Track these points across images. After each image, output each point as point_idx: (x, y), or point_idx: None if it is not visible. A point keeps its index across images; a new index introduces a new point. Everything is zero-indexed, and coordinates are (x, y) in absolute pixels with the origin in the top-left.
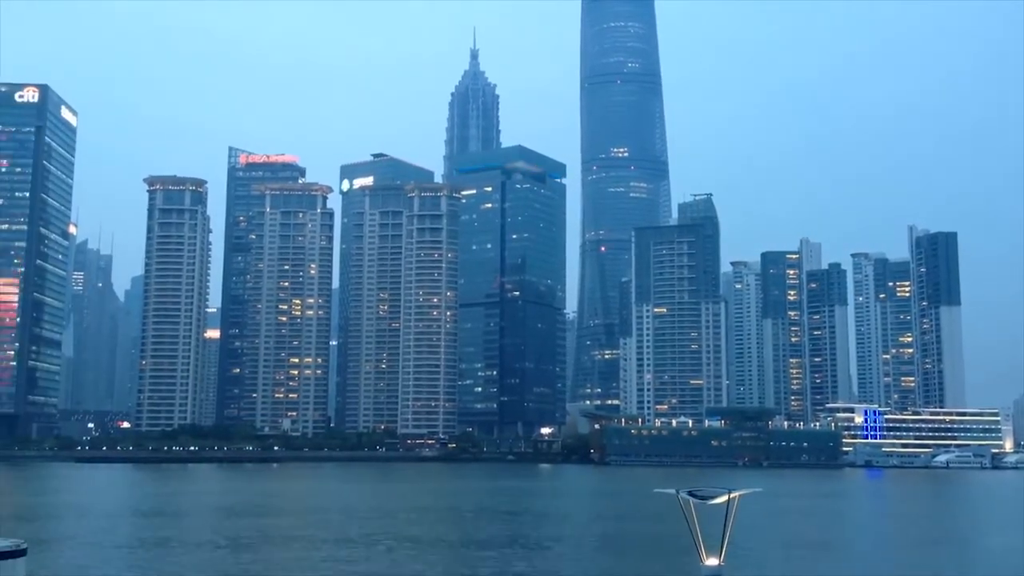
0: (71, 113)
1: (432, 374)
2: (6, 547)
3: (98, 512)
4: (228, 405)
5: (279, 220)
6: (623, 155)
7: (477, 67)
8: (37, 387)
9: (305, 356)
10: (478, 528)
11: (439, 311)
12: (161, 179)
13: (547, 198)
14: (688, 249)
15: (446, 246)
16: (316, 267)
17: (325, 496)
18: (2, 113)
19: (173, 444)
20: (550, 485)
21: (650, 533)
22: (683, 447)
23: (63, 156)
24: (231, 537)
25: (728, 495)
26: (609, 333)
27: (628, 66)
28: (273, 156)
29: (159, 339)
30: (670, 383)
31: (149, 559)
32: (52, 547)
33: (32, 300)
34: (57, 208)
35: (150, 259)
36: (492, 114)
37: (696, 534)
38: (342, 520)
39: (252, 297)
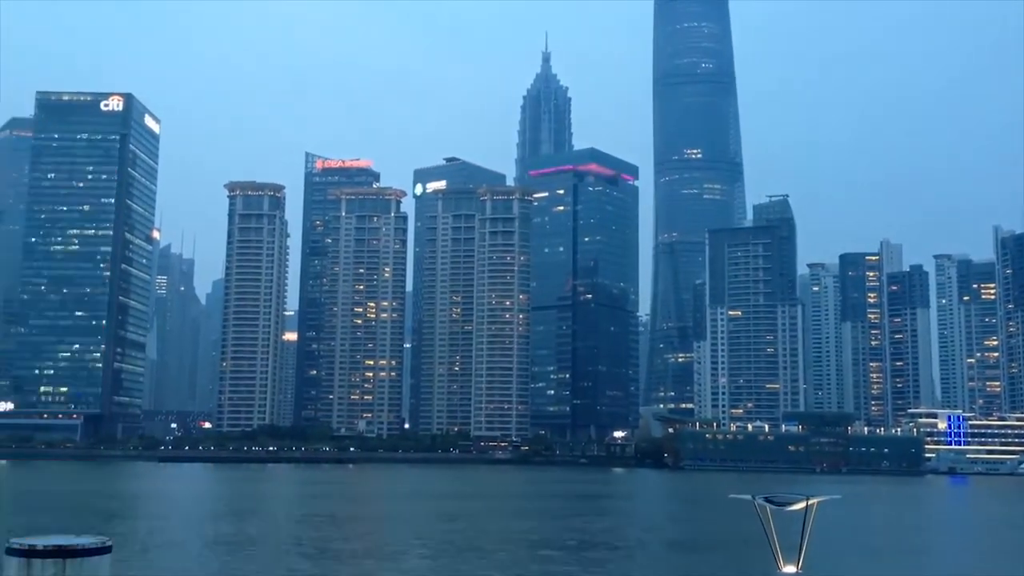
0: (154, 121)
1: (505, 377)
2: (92, 544)
3: (182, 512)
4: (305, 406)
5: (354, 224)
6: (697, 156)
7: (549, 70)
8: (122, 388)
9: (380, 358)
10: (554, 530)
11: (511, 314)
12: (241, 185)
13: (619, 200)
14: (764, 251)
15: (518, 249)
16: (390, 270)
17: (407, 498)
18: (89, 122)
19: (252, 444)
20: (625, 489)
21: (726, 539)
22: (759, 452)
23: (147, 163)
24: (314, 540)
25: (806, 501)
26: (683, 336)
27: (702, 67)
28: (348, 161)
29: (239, 341)
30: (745, 387)
31: (230, 561)
32: (137, 546)
33: (118, 303)
34: (141, 214)
35: (230, 263)
36: (564, 117)
37: (773, 541)
38: (424, 522)
39: (328, 300)
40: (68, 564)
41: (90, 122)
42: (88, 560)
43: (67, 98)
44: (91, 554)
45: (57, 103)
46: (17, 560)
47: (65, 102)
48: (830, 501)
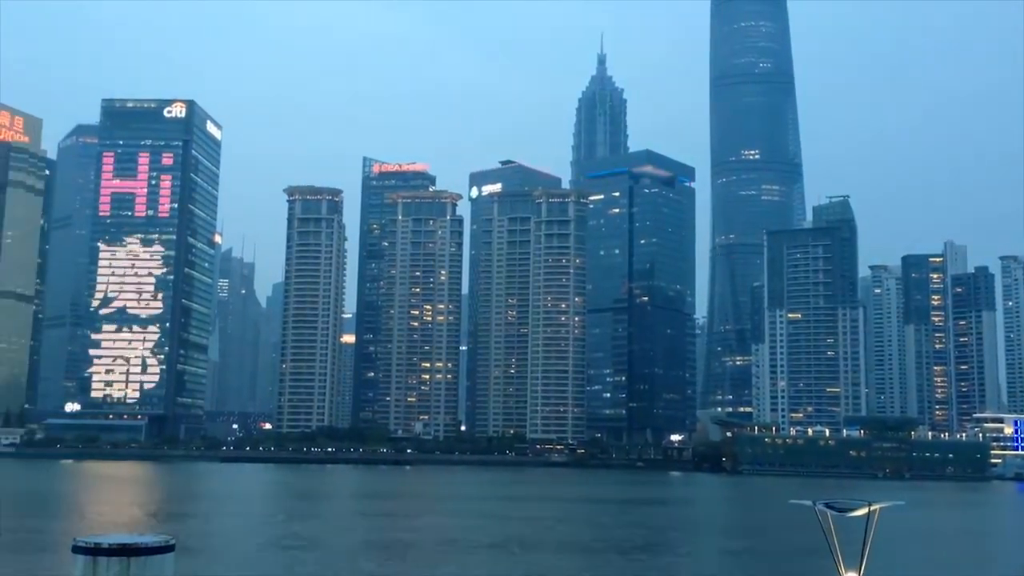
0: (216, 127)
1: (560, 379)
2: (156, 542)
3: (244, 512)
4: (363, 408)
5: (410, 227)
6: (754, 157)
7: (604, 72)
8: (185, 389)
9: (436, 361)
10: (611, 534)
11: (567, 316)
12: (300, 189)
13: (676, 202)
14: (824, 253)
15: (574, 251)
16: (446, 273)
17: (465, 500)
18: (152, 128)
19: (311, 445)
20: (683, 493)
21: (787, 546)
22: (819, 457)
23: (209, 168)
24: (376, 541)
25: (868, 508)
26: (740, 339)
27: (760, 66)
28: (405, 165)
29: (298, 344)
30: (805, 391)
31: (292, 561)
32: (200, 545)
33: (181, 306)
34: (203, 218)
35: (289, 266)
36: (619, 119)
37: (834, 548)
38: (488, 524)
39: (385, 303)
40: (132, 562)
41: (154, 128)
42: (152, 558)
43: (131, 105)
44: (154, 552)
45: (122, 110)
46: (83, 558)
47: (129, 109)
48: (893, 507)
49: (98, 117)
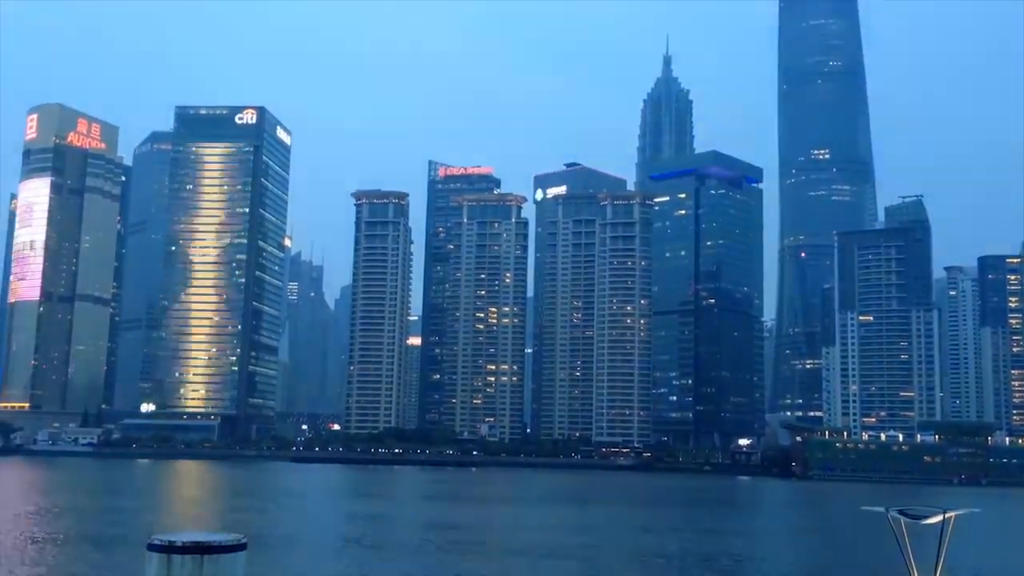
0: (285, 132)
1: (626, 382)
2: (228, 541)
3: (314, 511)
4: (429, 410)
5: (475, 230)
6: (824, 157)
7: (670, 73)
8: (256, 390)
9: (501, 363)
10: (678, 541)
11: (633, 319)
12: (367, 193)
13: (743, 203)
14: (896, 254)
15: (639, 253)
16: (511, 276)
17: (532, 503)
18: (224, 134)
19: (379, 446)
20: (752, 498)
21: (859, 554)
22: (892, 463)
23: (279, 173)
24: (447, 543)
25: (943, 515)
26: (810, 342)
27: (829, 64)
28: (470, 168)
29: (366, 346)
30: (877, 395)
31: (361, 562)
32: (271, 544)
33: (252, 309)
34: (274, 222)
35: (357, 269)
36: (685, 119)
37: (908, 557)
38: (550, 528)
39: (451, 305)
40: (206, 560)
41: (225, 135)
42: (224, 556)
43: (204, 112)
44: (227, 551)
45: (195, 116)
46: (158, 556)
47: (202, 116)
48: (969, 515)
49: (172, 124)
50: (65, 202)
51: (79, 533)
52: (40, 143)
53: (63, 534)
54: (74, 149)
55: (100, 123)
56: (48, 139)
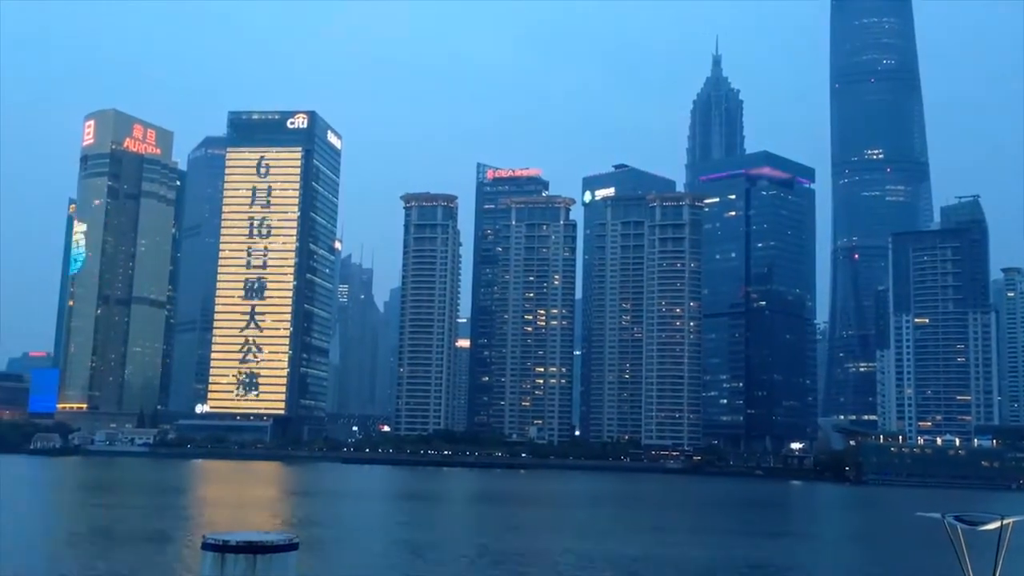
0: (336, 137)
1: (676, 385)
2: (280, 540)
3: (365, 512)
4: (478, 412)
5: (524, 232)
6: (878, 157)
7: (720, 73)
8: (308, 392)
9: (550, 365)
10: (730, 549)
11: (682, 321)
12: (416, 196)
13: (795, 204)
14: (952, 255)
15: (689, 255)
16: (559, 278)
17: (583, 505)
18: (276, 139)
19: (428, 448)
20: (805, 503)
21: (914, 561)
22: (948, 467)
23: (329, 177)
24: (495, 548)
25: (1000, 521)
26: (864, 344)
27: (883, 63)
28: (518, 171)
29: (415, 348)
30: (933, 398)
31: (411, 564)
32: (322, 544)
33: (303, 311)
34: (324, 225)
35: (406, 272)
36: (735, 120)
37: (965, 564)
38: (603, 532)
39: (499, 308)
40: (258, 559)
41: (277, 139)
42: (276, 556)
43: (256, 117)
44: (279, 551)
45: (247, 122)
46: (212, 554)
47: (255, 121)
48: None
49: (225, 129)
50: (121, 206)
51: (135, 532)
52: (97, 148)
53: (120, 532)
54: (130, 154)
55: (155, 128)
56: (105, 144)
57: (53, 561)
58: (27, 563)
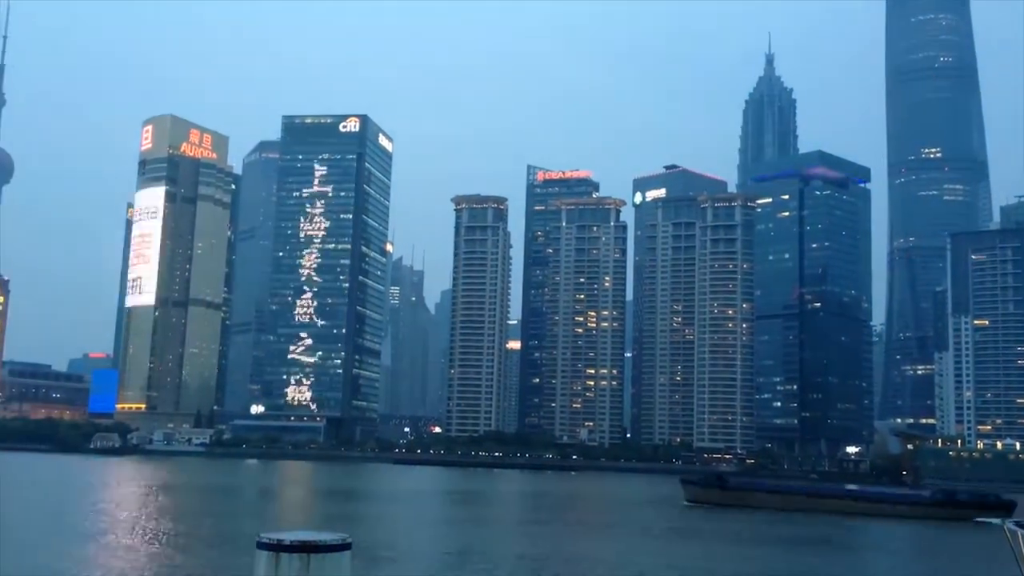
0: (387, 140)
1: (728, 387)
2: (334, 540)
3: (417, 513)
4: (529, 413)
5: (574, 234)
6: (935, 156)
7: (772, 72)
8: (360, 393)
9: (600, 367)
10: (785, 558)
11: (735, 323)
12: (466, 198)
13: (849, 204)
14: (1013, 255)
15: (741, 257)
16: (610, 279)
17: (635, 507)
18: (329, 143)
19: (479, 449)
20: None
21: (972, 568)
22: (1009, 472)
23: (381, 180)
24: (545, 553)
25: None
26: (922, 347)
27: (940, 60)
28: (568, 172)
29: (466, 349)
30: (993, 402)
31: (456, 566)
32: (374, 544)
33: (356, 313)
34: (376, 228)
35: (457, 274)
36: (789, 119)
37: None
38: (661, 537)
39: (550, 309)
40: (312, 559)
41: (330, 143)
42: (330, 556)
43: (309, 121)
44: (333, 550)
45: (300, 126)
46: (266, 554)
47: (308, 125)
48: None
49: (279, 133)
50: (179, 210)
51: (192, 531)
52: (155, 153)
53: (176, 531)
54: (187, 159)
55: (211, 133)
56: (162, 149)
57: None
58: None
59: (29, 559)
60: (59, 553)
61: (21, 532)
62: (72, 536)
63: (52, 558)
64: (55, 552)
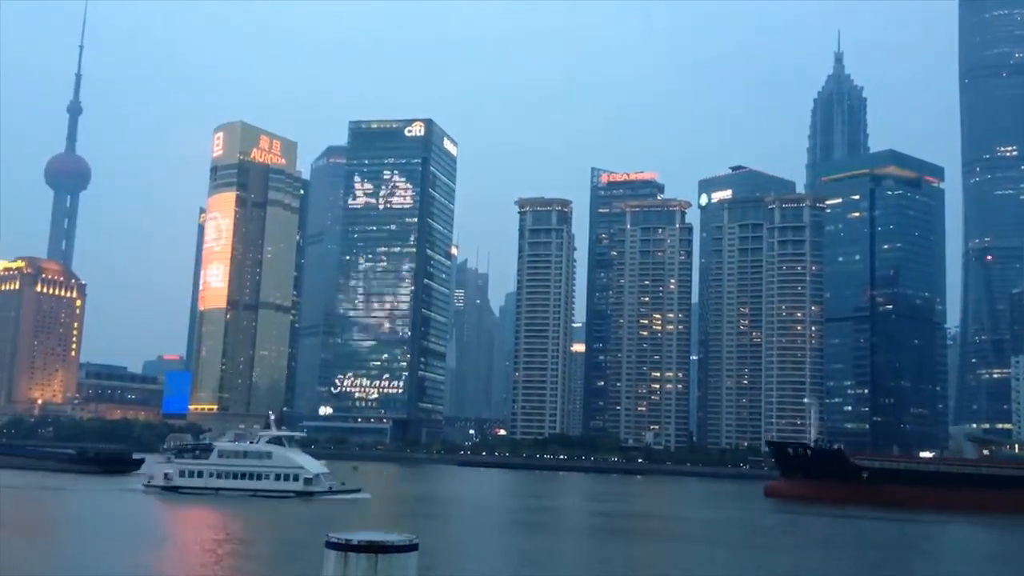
0: (452, 144)
1: (797, 391)
2: (401, 541)
3: (484, 516)
4: (593, 416)
5: (639, 236)
6: (1012, 154)
7: (842, 70)
8: (425, 395)
9: (666, 370)
10: (859, 569)
11: (803, 326)
12: (530, 201)
13: (922, 204)
14: None
15: (810, 258)
16: (675, 282)
17: (700, 509)
18: (395, 147)
19: (544, 452)
20: (936, 515)
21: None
22: None
23: (446, 184)
24: (619, 557)
25: None
26: (998, 350)
27: (1016, 56)
28: (633, 174)
29: (530, 352)
30: None
31: (525, 569)
32: (440, 546)
33: (421, 316)
34: (441, 231)
35: (521, 277)
36: (859, 118)
37: None
38: (729, 545)
39: (614, 312)
40: (380, 559)
41: (396, 147)
42: (397, 556)
43: (376, 126)
44: (400, 551)
45: (367, 131)
46: (335, 553)
47: (374, 130)
48: None
49: (346, 138)
50: (249, 215)
51: (261, 532)
52: (226, 159)
53: (247, 532)
54: (257, 165)
55: (280, 139)
56: (233, 156)
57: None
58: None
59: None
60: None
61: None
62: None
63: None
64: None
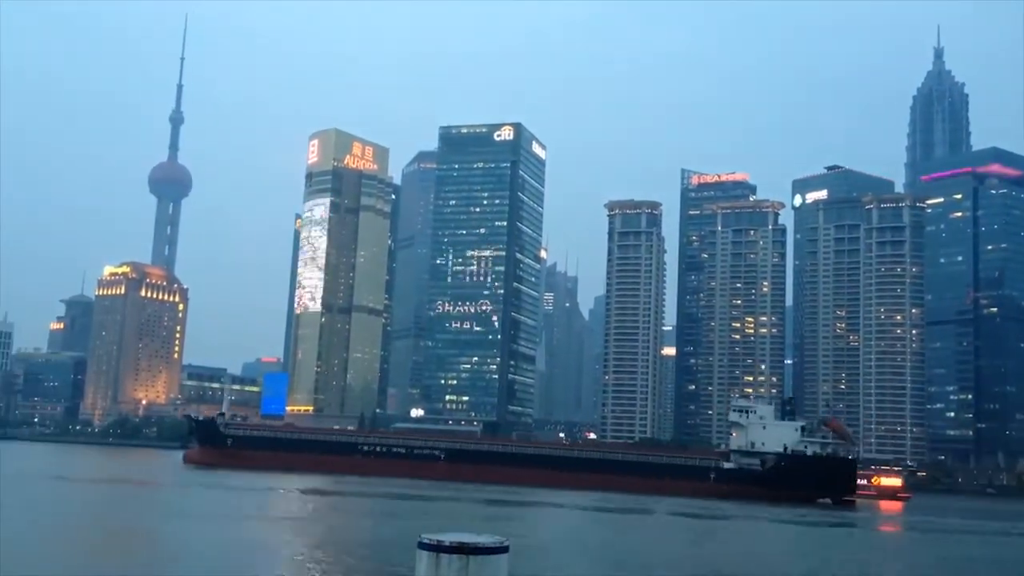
0: (540, 147)
1: (897, 396)
2: (492, 543)
3: (571, 520)
4: (685, 420)
5: (730, 238)
6: None
7: (942, 66)
8: (515, 398)
9: (759, 375)
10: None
11: (903, 329)
12: (619, 203)
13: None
14: None
15: (909, 260)
16: (768, 284)
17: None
18: (484, 152)
19: None
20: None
21: None
22: None
23: (534, 187)
24: (703, 563)
25: None
26: None
27: None
28: (724, 175)
29: (620, 356)
30: None
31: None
32: (528, 549)
33: (510, 319)
34: (530, 235)
35: (610, 280)
36: (960, 115)
37: None
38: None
39: (705, 315)
40: (471, 560)
41: (485, 152)
42: (488, 558)
43: (465, 131)
44: (491, 552)
45: (456, 136)
46: (427, 554)
47: (463, 135)
48: None
49: (436, 144)
50: (342, 220)
51: (355, 534)
52: (320, 166)
53: (339, 533)
54: (350, 171)
55: (372, 146)
56: (327, 162)
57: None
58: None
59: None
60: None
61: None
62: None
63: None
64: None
